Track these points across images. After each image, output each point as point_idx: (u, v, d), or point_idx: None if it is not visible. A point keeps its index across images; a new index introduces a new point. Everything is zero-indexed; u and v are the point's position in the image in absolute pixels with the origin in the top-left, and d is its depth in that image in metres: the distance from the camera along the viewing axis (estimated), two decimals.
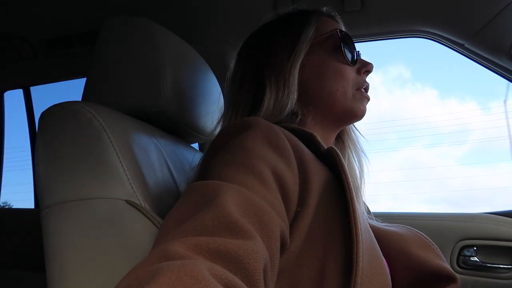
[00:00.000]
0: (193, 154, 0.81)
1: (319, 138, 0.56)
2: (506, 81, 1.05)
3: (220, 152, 0.50)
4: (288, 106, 0.61)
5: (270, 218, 0.40)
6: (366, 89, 0.67)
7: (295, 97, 0.62)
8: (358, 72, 0.66)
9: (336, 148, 0.53)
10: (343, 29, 0.70)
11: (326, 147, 0.54)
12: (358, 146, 0.73)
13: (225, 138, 0.52)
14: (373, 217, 0.69)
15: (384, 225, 0.65)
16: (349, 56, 0.64)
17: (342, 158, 0.51)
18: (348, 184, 0.48)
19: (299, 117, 0.63)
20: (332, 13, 0.71)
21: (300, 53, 0.63)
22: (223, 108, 0.87)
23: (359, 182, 0.69)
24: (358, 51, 0.68)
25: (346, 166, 0.50)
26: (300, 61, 0.63)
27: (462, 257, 1.00)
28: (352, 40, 0.66)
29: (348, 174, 0.49)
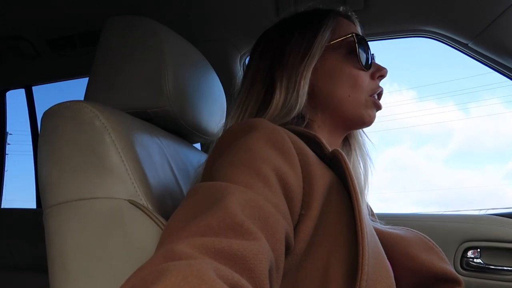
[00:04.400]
0: (195, 155, 0.81)
1: (324, 140, 0.55)
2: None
3: (225, 153, 0.49)
4: (296, 108, 0.60)
5: (275, 220, 0.39)
6: (380, 95, 0.66)
7: (304, 100, 0.61)
8: (372, 77, 0.65)
9: (341, 151, 0.52)
10: (359, 29, 0.69)
11: (331, 150, 0.54)
12: (364, 149, 0.71)
13: (230, 139, 0.51)
14: (377, 220, 0.69)
15: (388, 228, 0.65)
16: (363, 61, 0.63)
17: (347, 161, 0.51)
18: (354, 187, 0.47)
19: (306, 121, 0.62)
20: (349, 13, 0.69)
21: (315, 55, 0.62)
22: (225, 109, 0.87)
23: (362, 185, 0.68)
24: (373, 54, 0.67)
25: (351, 169, 0.50)
26: (314, 64, 0.62)
27: (465, 258, 0.99)
28: (368, 44, 0.65)
29: (354, 177, 0.49)
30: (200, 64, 0.80)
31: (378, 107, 0.65)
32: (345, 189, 0.49)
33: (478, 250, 0.99)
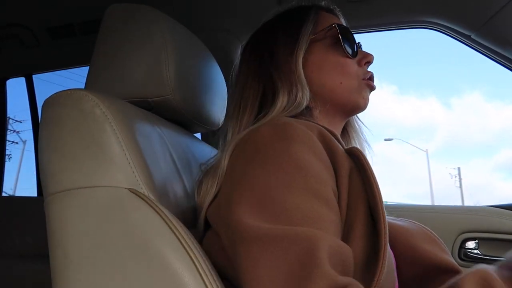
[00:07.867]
0: (196, 144, 0.81)
1: (339, 136, 0.58)
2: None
3: (260, 160, 0.48)
4: (305, 101, 0.61)
5: (349, 257, 0.42)
6: (371, 78, 0.67)
7: (308, 91, 0.62)
8: (359, 63, 0.67)
9: (360, 149, 0.54)
10: (343, 22, 0.71)
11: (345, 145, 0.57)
12: (362, 136, 0.73)
13: (260, 144, 0.50)
14: None
15: (391, 219, 0.65)
16: (349, 49, 0.65)
17: (367, 159, 0.52)
18: (378, 192, 0.48)
19: (316, 113, 0.64)
20: (331, 7, 0.71)
21: (302, 48, 0.64)
22: (226, 98, 0.87)
23: None
24: (359, 43, 0.69)
25: (371, 164, 0.51)
26: (301, 57, 0.63)
27: (463, 249, 1.00)
28: (352, 33, 0.67)
29: (375, 173, 0.50)
30: (201, 53, 0.80)
31: (372, 88, 0.67)
32: (359, 178, 0.51)
33: (476, 241, 1.00)
